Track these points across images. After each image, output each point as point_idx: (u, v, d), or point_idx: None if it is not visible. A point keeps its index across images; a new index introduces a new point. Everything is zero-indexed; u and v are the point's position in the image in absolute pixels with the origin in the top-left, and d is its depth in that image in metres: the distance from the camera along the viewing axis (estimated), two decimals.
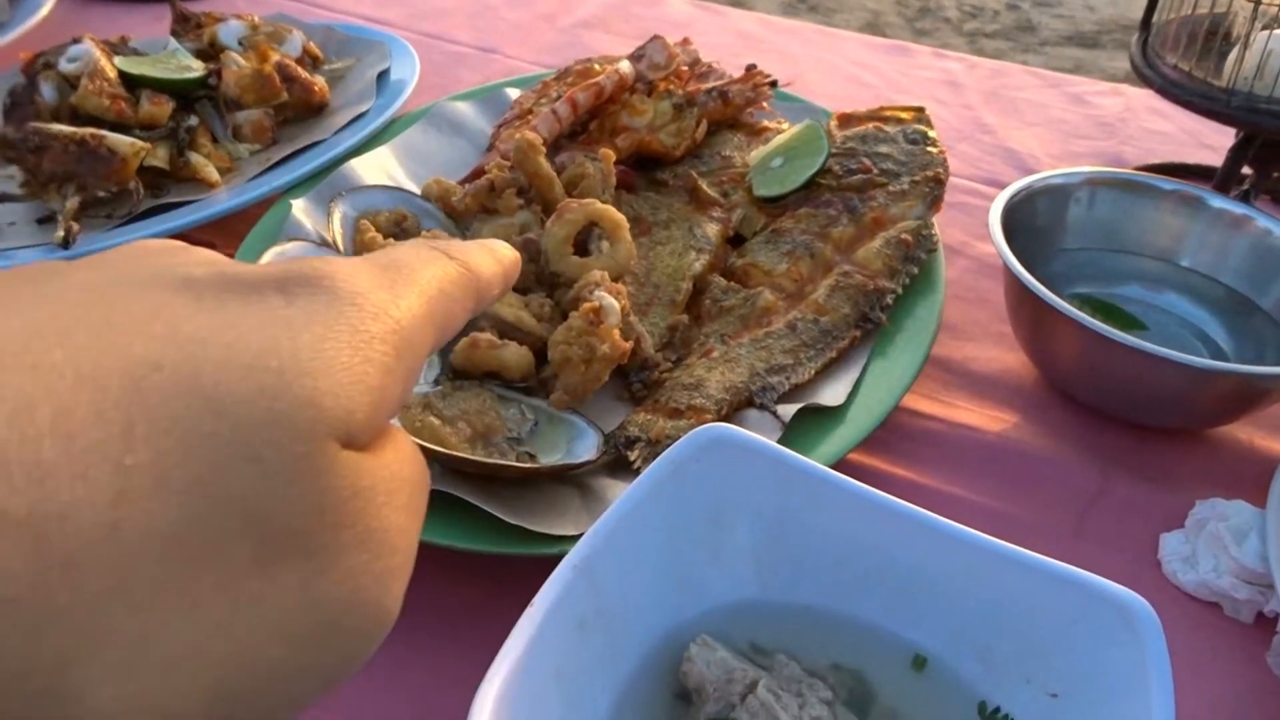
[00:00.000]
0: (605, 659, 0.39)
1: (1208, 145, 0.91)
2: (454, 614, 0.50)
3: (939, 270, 0.66)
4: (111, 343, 0.17)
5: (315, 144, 0.81)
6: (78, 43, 0.83)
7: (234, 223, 0.74)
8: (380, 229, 0.66)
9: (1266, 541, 0.49)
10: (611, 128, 0.77)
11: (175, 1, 0.94)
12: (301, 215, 0.71)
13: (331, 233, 0.66)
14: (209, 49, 0.88)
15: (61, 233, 0.71)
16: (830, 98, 0.87)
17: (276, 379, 0.18)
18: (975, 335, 0.69)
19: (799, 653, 0.41)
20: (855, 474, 0.42)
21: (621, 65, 0.79)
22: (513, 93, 0.87)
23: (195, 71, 0.84)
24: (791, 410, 0.56)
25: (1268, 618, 0.50)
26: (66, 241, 0.71)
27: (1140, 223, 0.69)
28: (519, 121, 0.81)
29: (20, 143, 0.75)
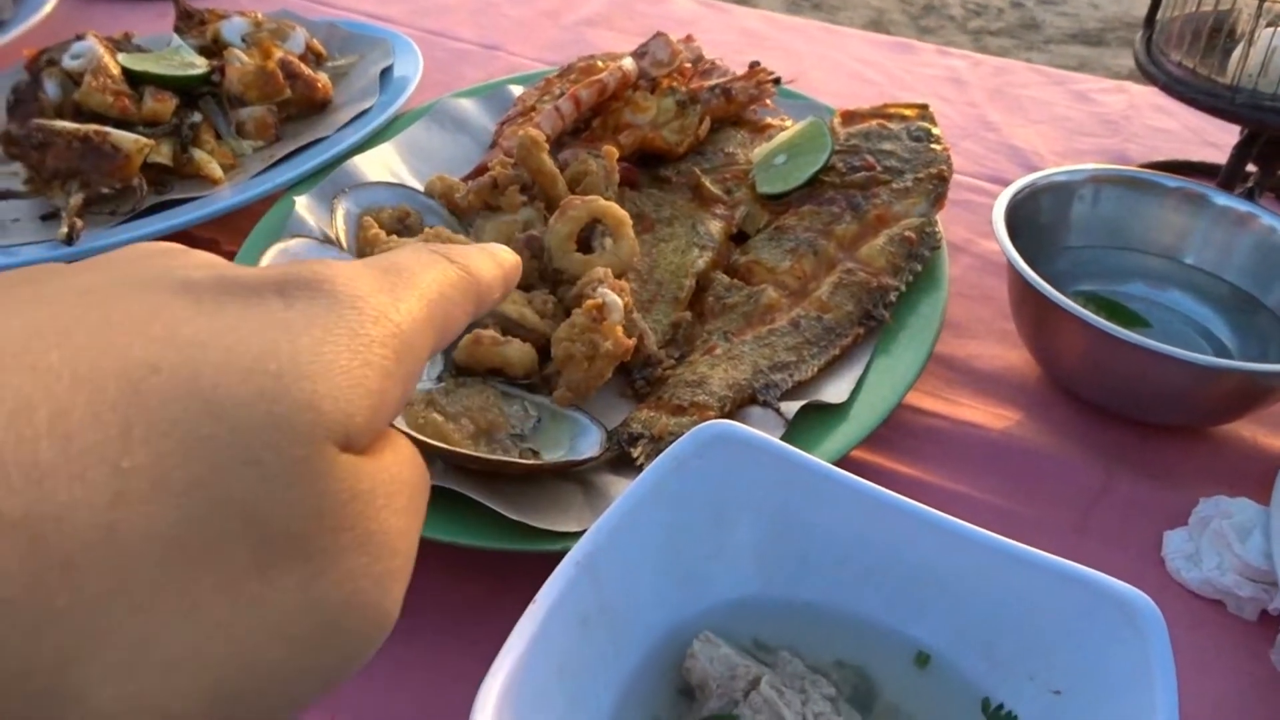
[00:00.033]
0: (608, 655, 0.39)
1: (1212, 143, 0.91)
2: (457, 610, 0.50)
3: (942, 268, 0.66)
4: (110, 344, 0.17)
5: (318, 141, 0.82)
6: (81, 39, 0.83)
7: (237, 219, 0.74)
8: (384, 225, 0.66)
9: (1270, 539, 0.49)
10: (615, 125, 0.77)
11: None
12: (305, 212, 0.71)
13: (335, 229, 0.66)
14: (212, 46, 0.89)
15: (65, 229, 0.71)
16: (834, 95, 0.87)
17: (275, 382, 0.18)
18: (979, 333, 0.69)
19: (802, 649, 0.41)
20: (858, 471, 0.42)
21: (625, 62, 0.79)
22: (516, 90, 0.87)
23: (199, 68, 0.84)
24: (795, 407, 0.56)
25: (1271, 615, 0.50)
26: (70, 238, 0.71)
27: (1144, 220, 0.68)
28: (522, 118, 0.81)
29: (24, 139, 0.75)
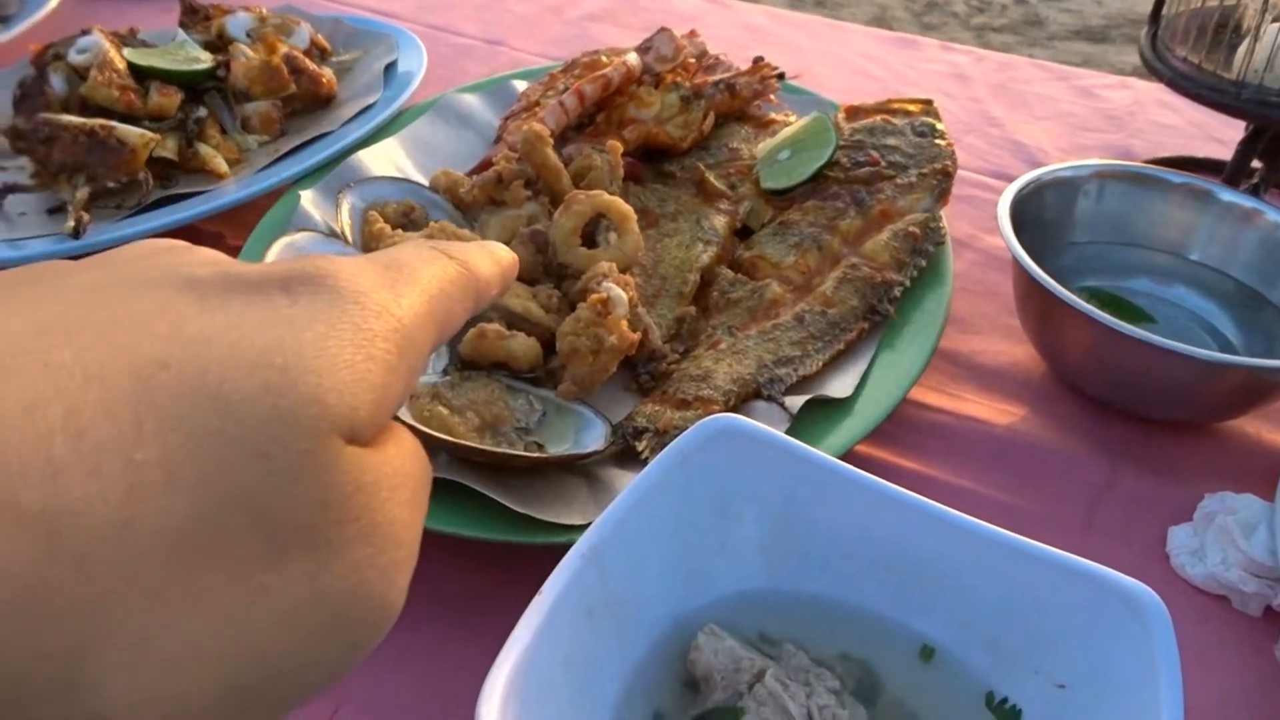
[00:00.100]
0: (614, 647, 0.39)
1: (1217, 139, 0.91)
2: (461, 601, 0.50)
3: (947, 263, 0.66)
4: (118, 342, 0.17)
5: (323, 135, 0.82)
6: (87, 34, 0.83)
7: (243, 214, 0.74)
8: (389, 220, 0.66)
9: (1275, 535, 0.49)
10: (619, 120, 0.77)
11: None
12: (310, 206, 0.71)
13: (340, 223, 0.66)
14: (217, 41, 0.89)
15: (72, 223, 0.71)
16: (838, 90, 0.87)
17: (281, 376, 0.18)
18: (983, 328, 0.69)
19: (807, 642, 0.41)
20: (862, 466, 0.42)
21: (629, 57, 0.79)
22: (520, 85, 0.87)
23: (204, 63, 0.84)
24: (799, 402, 0.56)
25: (1276, 611, 0.50)
26: (77, 232, 0.71)
27: (1149, 216, 0.68)
28: (526, 113, 0.81)
29: (31, 134, 0.75)
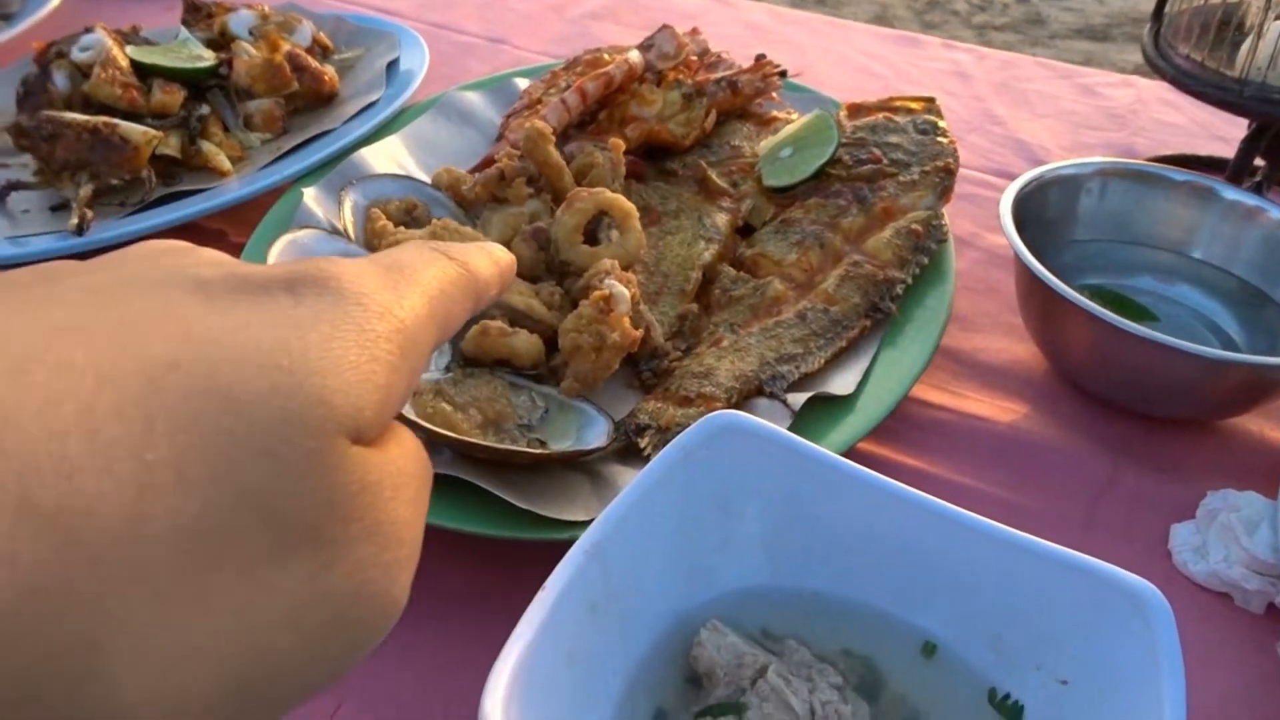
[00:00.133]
0: (616, 643, 0.39)
1: (1220, 136, 0.91)
2: (465, 597, 0.51)
3: (949, 261, 0.66)
4: (128, 342, 0.18)
5: (325, 133, 0.82)
6: (90, 32, 0.83)
7: (245, 211, 0.75)
8: (391, 217, 0.66)
9: (1277, 532, 0.49)
10: (621, 117, 0.77)
11: None
12: (313, 203, 0.71)
13: (343, 221, 0.66)
14: (220, 38, 0.89)
15: (75, 220, 0.71)
16: (839, 88, 0.87)
17: (288, 378, 0.19)
18: (985, 326, 0.69)
19: (809, 638, 0.41)
20: (865, 463, 0.42)
21: (631, 55, 0.79)
22: (522, 83, 0.88)
23: (206, 61, 0.84)
24: (801, 399, 0.56)
25: (1278, 608, 0.50)
26: (80, 229, 0.71)
27: (1152, 214, 0.68)
28: (528, 111, 0.82)
29: (34, 131, 0.75)
